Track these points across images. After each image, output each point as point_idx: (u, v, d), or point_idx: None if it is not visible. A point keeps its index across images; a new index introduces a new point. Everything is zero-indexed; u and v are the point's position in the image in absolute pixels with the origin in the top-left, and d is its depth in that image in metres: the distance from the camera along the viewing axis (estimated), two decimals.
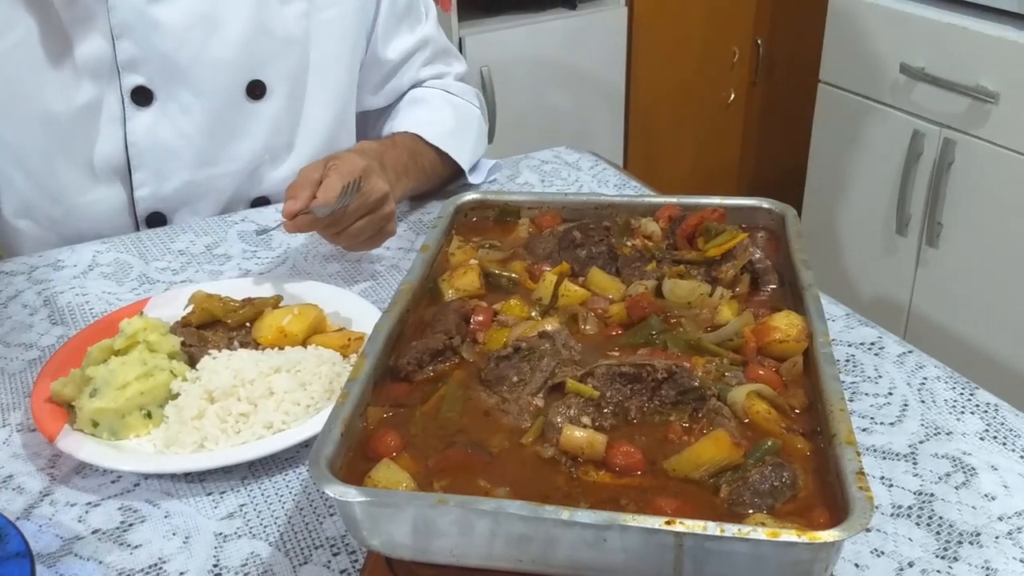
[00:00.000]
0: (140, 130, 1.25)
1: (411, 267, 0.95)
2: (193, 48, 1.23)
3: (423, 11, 1.45)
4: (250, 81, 1.29)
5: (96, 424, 0.86)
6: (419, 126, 1.34)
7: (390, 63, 1.42)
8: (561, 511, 0.63)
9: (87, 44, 1.19)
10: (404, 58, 1.43)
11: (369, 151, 1.21)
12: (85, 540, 0.79)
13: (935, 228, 2.15)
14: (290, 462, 0.87)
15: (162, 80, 1.24)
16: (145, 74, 1.23)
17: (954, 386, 0.94)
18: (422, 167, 1.32)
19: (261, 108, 1.31)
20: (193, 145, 1.29)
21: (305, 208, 1.04)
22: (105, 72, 1.22)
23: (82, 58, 1.20)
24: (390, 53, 1.41)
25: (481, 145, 1.44)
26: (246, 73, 1.28)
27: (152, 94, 1.24)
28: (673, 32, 2.90)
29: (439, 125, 1.36)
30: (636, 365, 0.77)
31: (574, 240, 1.00)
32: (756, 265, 0.92)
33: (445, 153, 1.34)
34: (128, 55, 1.21)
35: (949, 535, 0.77)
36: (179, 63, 1.23)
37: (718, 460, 0.69)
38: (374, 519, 0.66)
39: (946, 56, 2.07)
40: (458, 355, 0.85)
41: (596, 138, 2.80)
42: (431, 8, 1.48)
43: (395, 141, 1.31)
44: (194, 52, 1.24)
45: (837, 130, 2.39)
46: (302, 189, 1.06)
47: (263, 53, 1.28)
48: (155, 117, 1.25)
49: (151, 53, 1.22)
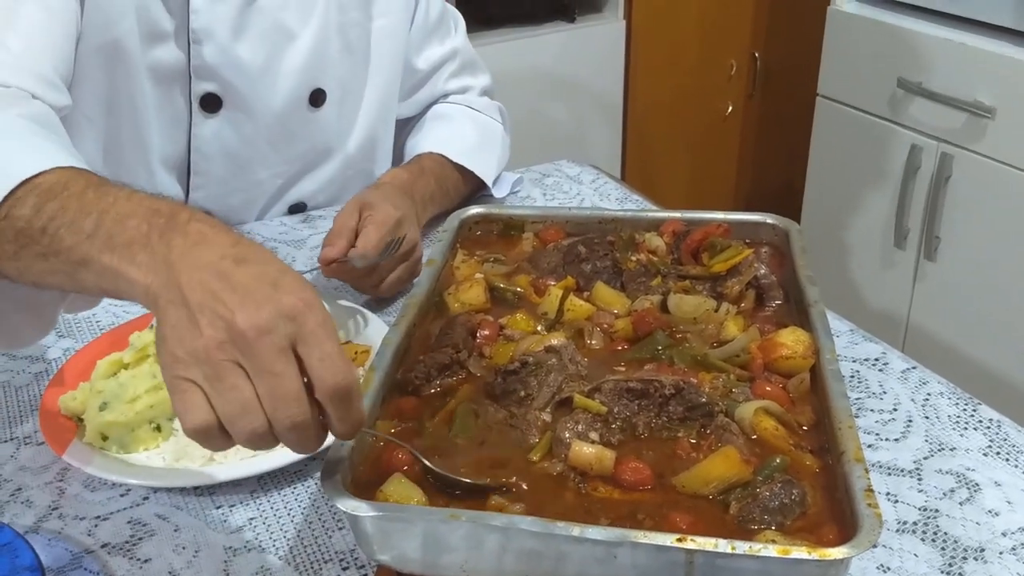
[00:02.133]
0: (206, 136, 1.26)
1: (417, 281, 0.96)
2: (266, 58, 1.24)
3: (452, 24, 1.48)
4: (313, 89, 1.31)
5: (105, 437, 0.86)
6: (443, 145, 1.36)
7: (420, 73, 1.44)
8: (572, 527, 0.63)
9: (163, 47, 1.19)
10: (433, 69, 1.45)
11: (399, 184, 1.23)
12: (95, 554, 0.79)
13: (933, 242, 2.17)
14: (298, 475, 0.87)
15: (233, 88, 1.24)
16: (217, 81, 1.23)
17: (957, 402, 0.95)
18: (446, 191, 1.34)
19: (319, 115, 1.33)
20: (253, 151, 1.30)
21: (342, 256, 1.06)
22: (176, 77, 1.22)
23: (157, 59, 1.19)
24: (420, 63, 1.44)
25: (503, 159, 1.46)
26: (311, 82, 1.30)
27: (221, 101, 1.25)
28: (671, 45, 2.92)
29: (462, 142, 1.39)
30: (644, 381, 0.78)
31: (579, 254, 1.00)
32: (761, 281, 0.93)
33: (468, 169, 1.36)
34: (202, 62, 1.21)
35: (954, 551, 0.77)
36: (251, 72, 1.24)
37: (728, 477, 0.69)
38: (385, 533, 0.67)
39: (944, 71, 2.09)
40: (465, 369, 0.85)
41: (593, 150, 2.81)
42: (459, 20, 1.50)
43: (423, 168, 1.32)
44: (267, 62, 1.25)
45: (835, 144, 2.41)
46: (339, 237, 1.07)
47: (326, 62, 1.30)
48: (221, 124, 1.26)
49: (226, 62, 1.22)
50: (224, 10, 1.20)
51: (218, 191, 1.32)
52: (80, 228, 0.66)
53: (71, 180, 0.70)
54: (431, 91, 1.47)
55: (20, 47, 1.00)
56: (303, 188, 1.40)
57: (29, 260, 0.69)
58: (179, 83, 1.23)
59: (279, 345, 0.59)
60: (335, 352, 0.61)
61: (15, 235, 0.69)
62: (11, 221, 0.69)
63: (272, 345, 0.59)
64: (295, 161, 1.36)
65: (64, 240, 0.67)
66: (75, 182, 0.70)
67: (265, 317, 0.59)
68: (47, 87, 1.00)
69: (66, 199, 0.69)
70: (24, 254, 0.69)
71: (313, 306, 0.61)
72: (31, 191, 0.70)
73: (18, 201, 0.70)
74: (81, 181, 0.70)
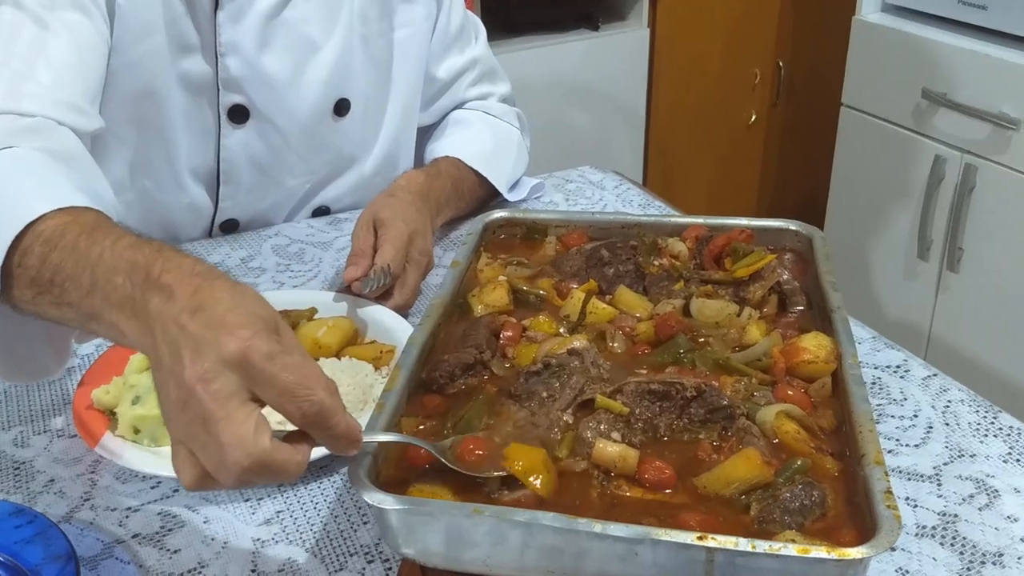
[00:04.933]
0: (233, 146, 1.29)
1: (442, 282, 0.97)
2: (291, 70, 1.27)
3: (473, 33, 1.50)
4: (338, 100, 1.33)
5: (137, 431, 0.88)
6: (459, 149, 1.39)
7: (440, 82, 1.46)
8: (594, 524, 0.64)
9: (191, 59, 1.22)
10: (453, 78, 1.47)
11: (415, 189, 1.25)
12: (126, 544, 0.81)
13: (956, 253, 2.16)
14: (324, 471, 0.89)
15: (259, 99, 1.27)
16: (244, 93, 1.26)
17: (977, 409, 0.95)
18: (462, 193, 1.36)
19: (343, 125, 1.36)
20: (280, 160, 1.33)
21: (365, 275, 1.12)
22: (205, 89, 1.25)
23: (185, 72, 1.22)
24: (441, 72, 1.46)
25: (521, 164, 1.48)
26: (335, 92, 1.32)
27: (248, 112, 1.28)
28: (694, 53, 2.92)
29: (478, 147, 1.41)
30: (665, 383, 0.79)
31: (602, 258, 1.01)
32: (784, 286, 0.93)
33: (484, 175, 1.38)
34: (230, 74, 1.24)
35: (972, 555, 0.78)
36: (277, 84, 1.27)
37: (749, 478, 0.70)
38: (410, 527, 0.68)
39: (969, 82, 2.08)
40: (488, 369, 0.86)
41: (616, 157, 2.82)
42: (480, 30, 1.52)
43: (440, 171, 1.35)
44: (292, 74, 1.27)
45: (859, 154, 2.41)
46: (361, 257, 1.13)
47: (350, 73, 1.33)
48: (249, 134, 1.29)
49: (252, 74, 1.25)
50: (249, 24, 1.22)
51: (246, 199, 1.35)
52: (80, 284, 0.70)
53: (67, 227, 0.74)
54: (451, 99, 1.49)
55: (49, 79, 1.03)
56: (327, 194, 1.42)
57: (45, 307, 0.74)
58: (207, 95, 1.26)
59: (224, 392, 0.60)
60: (290, 383, 0.61)
61: (29, 282, 0.74)
62: (25, 270, 0.74)
63: (215, 394, 0.60)
64: (320, 169, 1.39)
65: (70, 294, 0.71)
66: (70, 230, 0.74)
67: (206, 367, 0.60)
68: (76, 114, 1.03)
69: (64, 252, 0.72)
70: (40, 301, 0.74)
71: (254, 345, 0.61)
72: (35, 239, 0.74)
73: (27, 251, 0.74)
74: (75, 229, 0.74)
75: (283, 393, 0.61)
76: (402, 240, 1.14)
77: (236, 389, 0.60)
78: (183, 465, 0.62)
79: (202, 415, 0.60)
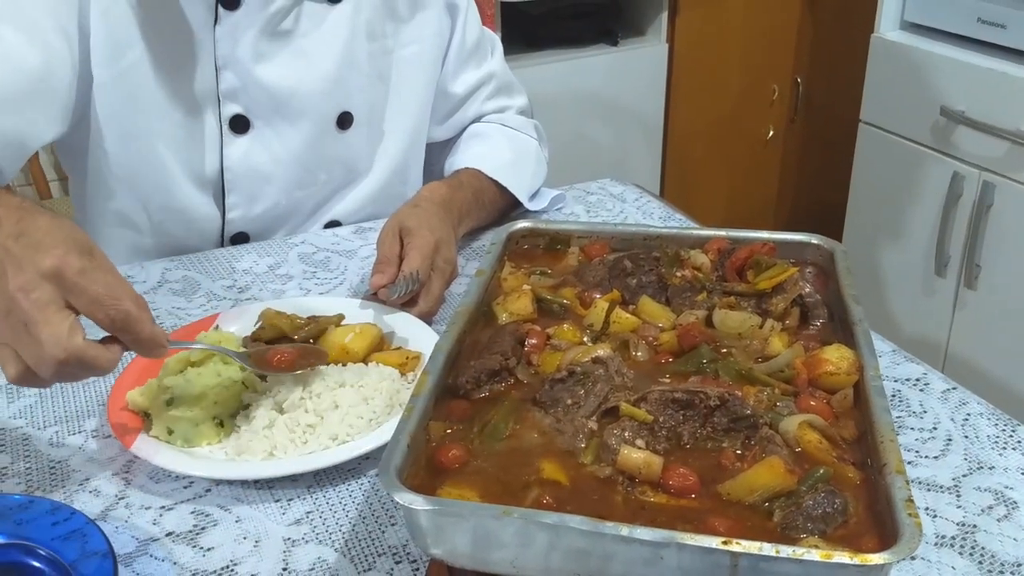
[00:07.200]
0: (236, 156, 1.32)
1: (467, 291, 0.98)
2: (290, 82, 1.30)
3: (489, 48, 1.52)
4: (340, 112, 1.36)
5: (171, 432, 0.90)
6: (479, 161, 1.41)
7: (456, 97, 1.49)
8: (620, 527, 0.66)
9: (191, 72, 1.25)
10: (469, 92, 1.49)
11: (438, 200, 1.27)
12: (160, 542, 0.82)
13: (973, 270, 2.16)
14: (352, 473, 0.90)
15: (259, 110, 1.30)
16: (244, 104, 1.29)
17: (996, 423, 0.96)
18: (483, 204, 1.38)
19: (347, 137, 1.38)
20: (284, 171, 1.35)
21: (392, 282, 1.14)
22: (207, 100, 1.28)
23: (185, 84, 1.26)
24: (457, 88, 1.48)
25: (540, 175, 1.50)
26: (337, 105, 1.35)
27: (249, 123, 1.30)
28: (713, 68, 2.94)
29: (497, 159, 1.43)
30: (689, 391, 0.80)
31: (625, 269, 1.02)
32: (806, 299, 0.94)
33: (504, 185, 1.40)
34: (229, 85, 1.27)
35: (991, 565, 0.79)
36: (277, 95, 1.30)
37: (772, 486, 0.71)
38: (439, 528, 0.69)
39: (986, 100, 2.09)
40: (513, 376, 0.87)
41: (634, 171, 2.84)
42: (497, 44, 1.55)
43: (461, 182, 1.37)
44: (291, 86, 1.30)
45: (877, 170, 2.41)
46: (388, 265, 1.15)
47: (352, 87, 1.35)
48: (250, 144, 1.32)
49: (251, 85, 1.28)
50: (246, 37, 1.25)
51: (253, 210, 1.37)
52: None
53: None
54: (468, 113, 1.51)
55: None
56: (337, 207, 1.44)
57: None
58: (211, 105, 1.28)
59: (42, 300, 0.73)
60: (100, 293, 0.75)
61: None
62: None
63: (35, 301, 0.73)
64: (327, 182, 1.41)
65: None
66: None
67: (26, 278, 0.73)
68: None
69: None
70: None
71: (67, 261, 0.74)
72: None
73: None
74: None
75: (93, 302, 0.75)
76: (429, 248, 1.16)
77: (53, 298, 0.74)
78: (7, 362, 0.76)
79: (24, 320, 0.73)
